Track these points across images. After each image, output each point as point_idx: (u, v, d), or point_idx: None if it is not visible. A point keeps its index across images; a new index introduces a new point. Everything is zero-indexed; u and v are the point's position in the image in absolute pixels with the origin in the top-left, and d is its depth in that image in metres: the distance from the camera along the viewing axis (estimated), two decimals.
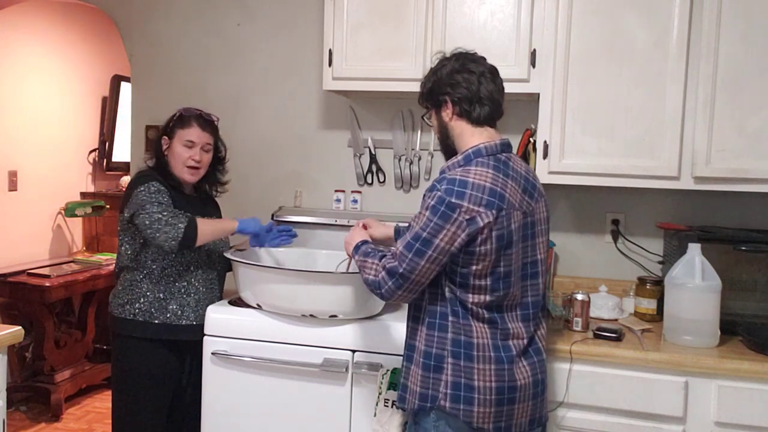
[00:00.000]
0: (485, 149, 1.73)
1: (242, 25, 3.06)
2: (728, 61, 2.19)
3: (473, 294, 1.69)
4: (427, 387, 1.72)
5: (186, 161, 2.30)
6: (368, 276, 1.76)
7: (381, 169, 2.90)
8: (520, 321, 1.74)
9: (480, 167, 1.68)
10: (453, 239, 1.63)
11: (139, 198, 2.19)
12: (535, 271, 1.77)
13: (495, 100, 1.77)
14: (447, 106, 1.78)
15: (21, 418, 3.66)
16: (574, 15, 2.30)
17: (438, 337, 1.72)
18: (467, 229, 1.62)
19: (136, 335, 2.27)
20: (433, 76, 1.81)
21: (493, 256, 1.65)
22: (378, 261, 1.75)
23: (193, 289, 2.31)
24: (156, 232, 2.13)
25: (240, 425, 2.26)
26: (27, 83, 4.02)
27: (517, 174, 1.73)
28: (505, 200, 1.66)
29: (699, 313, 2.08)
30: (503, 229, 1.65)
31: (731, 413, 1.97)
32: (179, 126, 2.32)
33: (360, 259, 1.83)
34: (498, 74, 1.80)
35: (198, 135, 2.31)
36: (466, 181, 1.65)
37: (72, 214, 4.18)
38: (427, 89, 1.83)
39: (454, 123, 1.79)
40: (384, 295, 1.73)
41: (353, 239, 1.96)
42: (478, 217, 1.62)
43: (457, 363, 1.69)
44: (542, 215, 1.79)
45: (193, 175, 2.33)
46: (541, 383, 1.77)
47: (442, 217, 1.63)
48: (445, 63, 1.80)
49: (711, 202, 2.55)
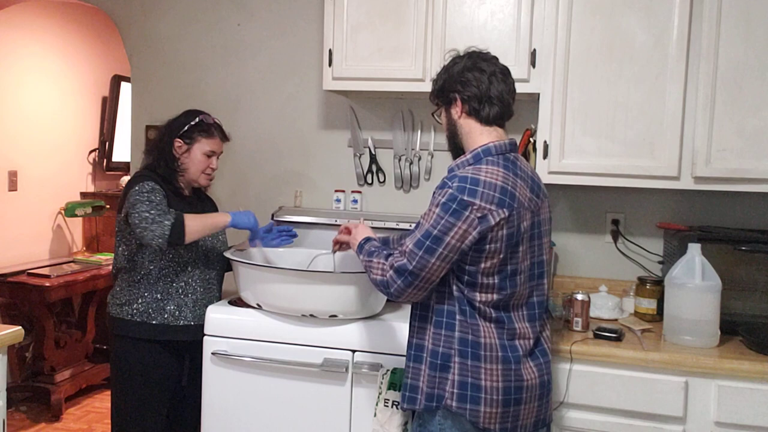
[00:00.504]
0: (495, 148, 1.73)
1: (242, 25, 3.06)
2: (728, 61, 2.19)
3: (481, 293, 1.69)
4: (433, 386, 1.72)
5: (205, 169, 2.35)
6: (375, 276, 1.76)
7: (381, 169, 2.90)
8: (526, 321, 1.74)
9: (491, 165, 1.69)
10: (464, 237, 1.63)
11: (132, 198, 2.19)
12: (542, 272, 1.78)
13: (505, 100, 1.78)
14: (456, 103, 1.78)
15: (21, 418, 3.66)
16: (574, 15, 2.30)
17: (445, 336, 1.72)
18: (479, 227, 1.62)
19: (135, 336, 2.27)
20: (444, 73, 1.82)
21: (502, 254, 1.66)
22: (384, 260, 1.74)
23: (191, 290, 2.31)
24: (144, 230, 2.13)
25: (240, 425, 2.26)
26: (27, 83, 4.02)
27: (524, 174, 1.75)
28: (515, 199, 1.67)
29: (699, 313, 2.08)
30: (513, 228, 1.66)
31: (731, 413, 1.97)
32: (203, 134, 2.33)
33: (365, 259, 1.82)
34: (509, 75, 1.81)
35: (219, 145, 2.38)
36: (478, 179, 1.65)
37: (72, 214, 4.18)
38: (438, 86, 1.84)
39: (463, 121, 1.79)
40: (393, 294, 1.71)
41: (358, 236, 1.94)
42: (490, 215, 1.62)
43: (465, 362, 1.69)
44: (546, 216, 1.81)
45: (209, 180, 2.40)
46: (547, 384, 1.77)
47: (453, 215, 1.62)
48: (457, 61, 1.81)
49: (711, 202, 2.55)
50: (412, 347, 1.80)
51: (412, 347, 1.80)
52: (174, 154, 2.31)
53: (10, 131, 3.91)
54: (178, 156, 2.32)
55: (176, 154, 2.32)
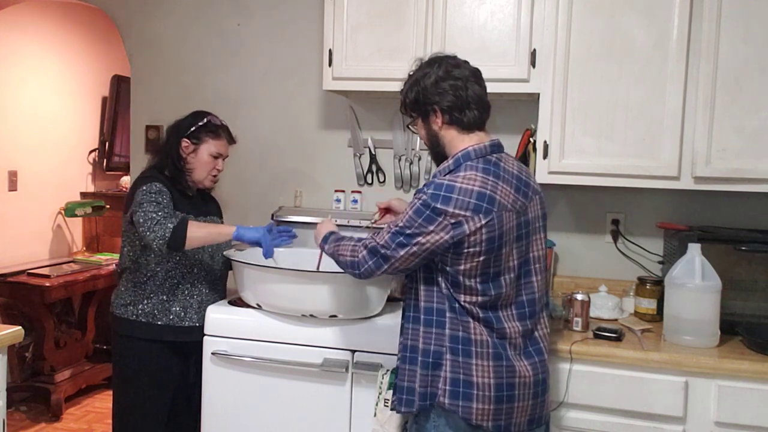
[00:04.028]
0: (474, 152, 1.73)
1: (242, 25, 3.06)
2: (728, 61, 2.19)
3: (465, 294, 1.69)
4: (426, 385, 1.72)
5: (212, 171, 2.35)
6: (345, 257, 1.80)
7: (381, 169, 2.90)
8: (516, 320, 1.73)
9: (469, 171, 1.68)
10: (436, 240, 1.65)
11: (139, 197, 2.20)
12: (528, 270, 1.76)
13: (483, 101, 1.77)
14: (436, 115, 1.77)
15: (21, 418, 3.66)
16: (574, 15, 2.30)
17: (436, 334, 1.72)
18: (452, 232, 1.63)
19: (139, 336, 2.27)
20: (416, 86, 1.78)
21: (483, 257, 1.66)
22: (356, 242, 1.77)
23: (197, 291, 2.31)
24: (147, 230, 2.13)
25: (240, 425, 2.26)
26: (27, 83, 4.03)
27: (508, 174, 1.72)
28: (495, 203, 1.65)
29: (699, 313, 2.08)
30: (494, 232, 1.65)
31: (731, 413, 1.97)
32: (211, 136, 2.33)
33: (332, 246, 1.86)
34: (481, 76, 1.79)
35: (226, 147, 2.38)
36: (453, 186, 1.65)
37: (72, 214, 4.18)
38: (410, 99, 1.81)
39: (444, 131, 1.78)
40: (362, 274, 1.76)
41: (321, 231, 1.98)
42: (465, 222, 1.63)
43: (456, 359, 1.69)
44: (537, 213, 1.79)
45: (214, 182, 2.40)
46: (542, 383, 1.76)
47: (426, 220, 1.65)
48: (427, 71, 1.77)
49: (711, 202, 2.55)
50: (405, 350, 1.80)
51: (405, 350, 1.80)
52: (181, 154, 2.31)
53: (10, 131, 3.91)
54: (185, 156, 2.32)
55: (183, 154, 2.31)
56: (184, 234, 2.13)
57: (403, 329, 1.82)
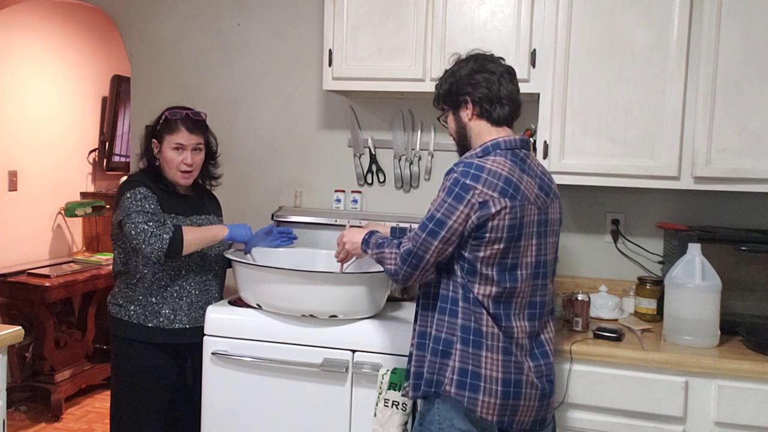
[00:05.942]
0: (504, 143, 1.75)
1: (242, 25, 3.06)
2: (728, 61, 2.19)
3: (479, 284, 1.69)
4: (433, 372, 1.73)
5: (179, 166, 2.28)
6: (386, 266, 1.80)
7: (381, 169, 2.90)
8: (526, 320, 1.74)
9: (498, 157, 1.71)
10: (465, 220, 1.65)
11: (125, 204, 2.19)
12: (545, 271, 1.78)
13: (515, 100, 1.80)
14: (467, 106, 1.79)
15: (21, 418, 3.66)
16: (574, 15, 2.30)
17: (448, 322, 1.73)
18: (478, 212, 1.64)
19: (132, 337, 2.27)
20: (450, 77, 1.82)
21: (502, 245, 1.67)
22: (396, 249, 1.77)
23: (186, 293, 2.30)
24: (142, 243, 2.13)
25: (240, 425, 2.26)
26: (27, 83, 4.02)
27: (533, 172, 1.76)
28: (519, 191, 1.68)
29: (699, 313, 2.08)
30: (515, 220, 1.66)
31: (731, 413, 1.97)
32: (167, 131, 2.28)
33: (376, 252, 1.84)
34: (515, 75, 1.83)
35: (186, 138, 2.28)
36: (483, 167, 1.67)
37: (72, 214, 4.18)
38: (444, 90, 1.84)
39: (473, 123, 1.80)
40: (401, 281, 1.75)
41: (355, 237, 1.96)
42: (491, 202, 1.64)
43: (466, 350, 1.70)
44: (556, 216, 1.82)
45: (187, 178, 2.32)
46: (549, 386, 1.77)
47: (456, 198, 1.65)
48: (462, 64, 1.81)
49: (711, 202, 2.55)
50: (416, 335, 1.81)
51: (416, 335, 1.81)
52: (155, 155, 2.31)
53: (10, 131, 3.91)
54: (157, 157, 2.31)
55: (156, 155, 2.31)
56: (181, 244, 2.15)
57: (417, 315, 1.84)
